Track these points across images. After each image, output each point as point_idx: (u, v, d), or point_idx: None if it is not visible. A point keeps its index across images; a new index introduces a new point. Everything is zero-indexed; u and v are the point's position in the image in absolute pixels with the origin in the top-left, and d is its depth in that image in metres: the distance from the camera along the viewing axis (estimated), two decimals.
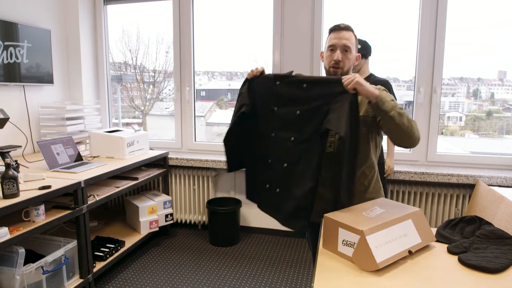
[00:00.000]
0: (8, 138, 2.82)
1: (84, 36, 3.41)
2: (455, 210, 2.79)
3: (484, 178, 2.59)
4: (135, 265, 2.79)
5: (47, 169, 2.44)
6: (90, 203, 2.31)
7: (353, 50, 1.56)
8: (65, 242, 2.23)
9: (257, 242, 3.22)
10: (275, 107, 1.56)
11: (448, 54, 2.80)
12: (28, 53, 2.87)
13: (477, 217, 1.39)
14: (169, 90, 3.78)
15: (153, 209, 3.01)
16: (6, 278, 1.90)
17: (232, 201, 3.31)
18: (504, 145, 2.96)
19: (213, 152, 3.44)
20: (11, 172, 1.85)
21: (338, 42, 1.54)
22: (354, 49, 1.57)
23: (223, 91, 3.75)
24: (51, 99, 3.24)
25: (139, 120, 3.97)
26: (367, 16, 2.99)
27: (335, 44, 1.54)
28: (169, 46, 3.54)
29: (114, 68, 3.79)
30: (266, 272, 2.70)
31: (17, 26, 2.78)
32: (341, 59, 1.53)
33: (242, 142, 1.71)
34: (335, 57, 1.53)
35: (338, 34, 1.55)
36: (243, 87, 1.65)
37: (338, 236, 1.25)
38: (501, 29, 2.74)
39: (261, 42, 3.29)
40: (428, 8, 2.77)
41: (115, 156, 2.91)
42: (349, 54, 1.54)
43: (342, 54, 1.53)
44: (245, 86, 1.64)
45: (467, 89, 3.06)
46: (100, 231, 3.05)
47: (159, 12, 3.51)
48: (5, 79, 2.72)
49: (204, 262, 2.84)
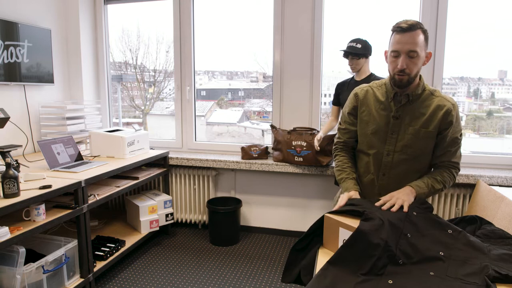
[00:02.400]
0: (8, 138, 2.83)
1: (84, 36, 3.41)
2: (456, 210, 2.79)
3: (484, 177, 2.59)
4: (136, 265, 2.80)
5: (47, 169, 2.44)
6: (90, 203, 2.31)
7: (421, 52, 1.38)
8: (66, 241, 2.23)
9: (257, 242, 3.22)
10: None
11: (448, 53, 2.79)
12: (28, 52, 2.87)
13: (477, 217, 1.39)
14: (169, 89, 3.78)
15: (153, 208, 3.01)
16: (7, 278, 1.90)
17: (233, 201, 3.31)
18: (504, 145, 2.95)
19: (214, 151, 3.44)
20: (12, 171, 1.85)
21: (401, 48, 1.36)
22: (422, 49, 1.39)
23: (223, 90, 3.74)
24: (52, 98, 3.24)
25: (140, 120, 3.97)
26: (368, 15, 2.99)
27: (398, 50, 1.37)
28: (170, 46, 3.54)
29: (115, 67, 3.78)
30: (266, 272, 2.71)
31: (18, 26, 2.78)
32: (406, 67, 1.37)
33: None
34: (399, 66, 1.38)
35: (402, 37, 1.36)
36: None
37: (338, 235, 1.25)
38: (502, 28, 2.74)
39: (261, 42, 3.29)
40: (428, 7, 2.77)
41: (115, 155, 2.91)
42: (416, 59, 1.37)
43: (407, 60, 1.37)
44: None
45: (467, 88, 3.06)
46: (101, 230, 3.05)
47: (159, 11, 3.51)
48: (6, 79, 2.72)
49: (205, 262, 2.85)
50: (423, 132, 1.45)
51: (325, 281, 1.09)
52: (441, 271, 1.10)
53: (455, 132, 1.47)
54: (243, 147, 3.16)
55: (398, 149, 1.49)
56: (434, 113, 1.45)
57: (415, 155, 1.48)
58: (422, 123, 1.45)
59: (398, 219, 1.25)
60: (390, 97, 1.50)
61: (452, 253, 1.16)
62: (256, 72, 3.57)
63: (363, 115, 1.57)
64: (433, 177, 1.48)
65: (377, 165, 1.54)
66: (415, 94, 1.47)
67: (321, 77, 3.08)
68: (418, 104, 1.47)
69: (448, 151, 1.49)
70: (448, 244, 1.19)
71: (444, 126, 1.45)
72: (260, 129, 3.60)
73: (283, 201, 3.30)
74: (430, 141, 1.47)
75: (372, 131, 1.53)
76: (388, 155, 1.51)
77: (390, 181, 1.53)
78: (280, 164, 3.01)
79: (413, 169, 1.51)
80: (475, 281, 1.05)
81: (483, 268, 1.08)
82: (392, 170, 1.52)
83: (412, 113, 1.47)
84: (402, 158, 1.49)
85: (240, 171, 3.36)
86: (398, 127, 1.48)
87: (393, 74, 1.43)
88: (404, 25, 1.35)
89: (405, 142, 1.47)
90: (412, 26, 1.35)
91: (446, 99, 1.48)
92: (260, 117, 3.63)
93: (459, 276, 1.07)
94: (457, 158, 1.52)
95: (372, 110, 1.53)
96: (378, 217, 1.24)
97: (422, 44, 1.38)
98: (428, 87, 1.52)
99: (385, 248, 1.14)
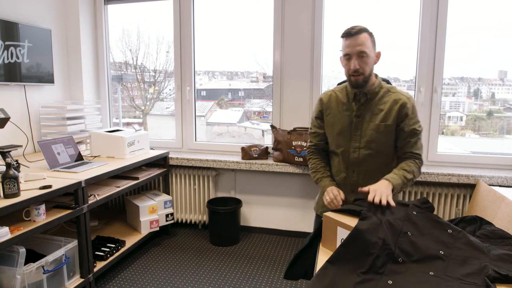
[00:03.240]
0: (8, 138, 2.83)
1: (84, 36, 3.41)
2: (456, 210, 2.78)
3: (484, 178, 2.59)
4: (136, 265, 2.80)
5: (47, 169, 2.44)
6: (90, 203, 2.31)
7: (370, 52, 1.52)
8: (66, 241, 2.23)
9: (257, 242, 3.22)
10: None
11: (448, 53, 2.79)
12: (28, 52, 2.88)
13: (477, 217, 1.39)
14: (169, 89, 3.79)
15: (153, 208, 3.01)
16: (7, 278, 1.90)
17: (233, 201, 3.31)
18: (504, 145, 2.95)
19: (214, 151, 3.44)
20: (12, 171, 1.85)
21: (351, 50, 1.50)
22: (371, 50, 1.53)
23: (223, 90, 3.75)
24: (52, 98, 3.25)
25: (140, 120, 3.97)
26: (368, 16, 2.99)
27: (349, 52, 1.52)
28: (170, 46, 3.54)
29: (115, 67, 3.79)
30: (266, 272, 2.71)
31: (18, 26, 2.78)
32: (359, 67, 1.50)
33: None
34: (352, 66, 1.51)
35: (351, 41, 1.51)
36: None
37: (337, 234, 1.26)
38: (502, 28, 2.74)
39: (261, 42, 3.29)
40: (428, 7, 2.77)
41: (115, 155, 2.91)
42: (366, 59, 1.51)
43: (359, 61, 1.50)
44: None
45: (467, 89, 3.06)
46: (101, 230, 3.05)
47: (160, 11, 3.51)
48: (6, 79, 2.72)
49: (205, 262, 2.85)
50: (382, 127, 1.58)
51: (325, 280, 1.09)
52: (441, 270, 1.10)
53: (412, 124, 1.58)
54: (243, 147, 3.16)
55: (363, 145, 1.61)
56: (391, 108, 1.57)
57: (378, 150, 1.60)
58: (381, 118, 1.58)
59: (397, 218, 1.25)
60: (351, 98, 1.63)
61: (452, 253, 1.16)
62: (256, 72, 3.57)
63: (328, 117, 1.70)
64: (402, 168, 1.56)
65: (346, 162, 1.66)
66: (373, 92, 1.60)
67: (321, 77, 3.08)
68: (376, 101, 1.60)
69: (408, 141, 1.59)
70: (448, 243, 1.19)
71: (401, 118, 1.57)
72: (260, 129, 3.60)
73: (283, 201, 3.30)
74: (390, 135, 1.59)
75: (338, 131, 1.66)
76: (354, 152, 1.63)
77: (360, 177, 1.64)
78: (280, 164, 3.01)
79: (379, 163, 1.63)
80: (475, 281, 1.05)
81: (483, 268, 1.08)
82: (360, 166, 1.64)
83: (372, 110, 1.60)
84: (367, 153, 1.61)
85: (240, 171, 3.36)
86: (361, 124, 1.61)
87: (348, 75, 1.56)
88: (352, 31, 1.50)
89: (368, 138, 1.59)
90: (359, 30, 1.50)
91: (401, 93, 1.61)
92: (260, 117, 3.63)
93: (458, 276, 1.07)
94: (419, 150, 1.62)
95: (336, 112, 1.67)
96: (376, 216, 1.25)
97: (370, 45, 1.52)
98: (385, 85, 1.64)
99: (383, 246, 1.14)
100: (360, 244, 1.15)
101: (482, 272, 1.07)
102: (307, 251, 1.45)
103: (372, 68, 1.56)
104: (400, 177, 1.51)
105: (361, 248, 1.14)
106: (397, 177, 1.50)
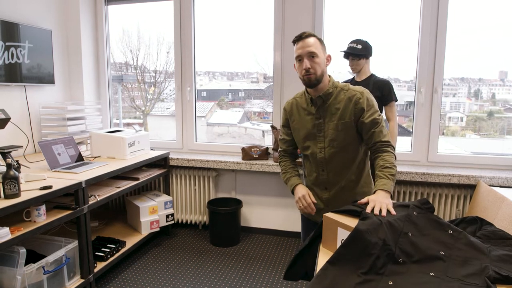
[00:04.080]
0: (9, 138, 2.83)
1: (85, 37, 3.42)
2: (456, 211, 2.78)
3: (485, 178, 2.59)
4: (136, 265, 2.80)
5: (48, 169, 2.45)
6: (91, 203, 2.32)
7: (319, 53, 1.60)
8: (66, 242, 2.23)
9: (257, 243, 3.22)
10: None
11: (449, 54, 2.79)
12: (29, 53, 2.88)
13: (478, 217, 1.39)
14: (170, 90, 3.79)
15: (154, 209, 3.01)
16: (7, 278, 1.90)
17: (233, 201, 3.31)
18: (505, 146, 2.95)
19: (214, 152, 3.45)
20: (12, 172, 1.86)
21: (302, 51, 1.59)
22: (321, 52, 1.62)
23: (224, 91, 3.75)
24: (52, 99, 3.25)
25: (140, 121, 3.97)
26: (368, 17, 2.99)
27: (300, 54, 1.60)
28: (170, 47, 3.55)
29: (115, 68, 3.79)
30: (267, 273, 2.70)
31: (18, 27, 2.79)
32: (310, 66, 1.59)
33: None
34: (304, 66, 1.59)
35: (301, 43, 1.60)
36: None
37: (337, 235, 1.25)
38: (502, 29, 2.74)
39: (262, 42, 3.29)
40: (429, 8, 2.77)
41: (116, 156, 2.91)
42: (316, 59, 1.59)
43: (310, 61, 1.59)
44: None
45: (468, 89, 3.06)
46: (101, 231, 3.05)
47: (160, 12, 3.51)
48: (7, 80, 2.72)
49: (205, 263, 2.84)
50: (341, 124, 1.65)
51: (325, 281, 1.09)
52: (441, 271, 1.10)
53: (370, 115, 1.63)
54: (243, 148, 3.16)
55: (327, 144, 1.68)
56: (346, 106, 1.64)
57: (342, 147, 1.67)
58: (338, 117, 1.65)
59: (398, 219, 1.25)
60: (309, 103, 1.72)
61: (452, 253, 1.16)
62: (256, 73, 3.57)
63: (294, 123, 1.79)
64: (383, 167, 1.57)
65: (315, 163, 1.74)
66: (327, 93, 1.66)
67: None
68: (332, 101, 1.67)
69: (372, 132, 1.63)
70: (448, 244, 1.19)
71: (359, 113, 1.63)
72: (261, 130, 3.60)
73: (283, 202, 3.30)
74: (349, 131, 1.65)
75: (304, 135, 1.74)
76: (321, 152, 1.70)
77: (329, 174, 1.72)
78: None
79: (346, 159, 1.69)
80: (475, 282, 1.05)
81: (483, 268, 1.08)
82: (328, 164, 1.71)
83: (330, 110, 1.67)
84: (332, 152, 1.68)
85: (241, 171, 3.36)
86: (322, 125, 1.69)
87: (302, 76, 1.63)
88: (302, 35, 1.61)
89: (330, 137, 1.67)
90: (308, 34, 1.61)
91: (354, 90, 1.67)
92: (261, 118, 3.63)
93: (459, 277, 1.07)
94: (386, 137, 1.65)
95: (299, 118, 1.76)
96: (377, 217, 1.24)
97: (319, 47, 1.61)
98: (339, 84, 1.70)
99: (384, 247, 1.14)
100: (360, 245, 1.15)
101: (483, 272, 1.07)
102: (307, 252, 1.45)
103: (324, 70, 1.63)
104: (388, 177, 1.54)
105: (362, 249, 1.14)
106: (386, 180, 1.52)
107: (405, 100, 3.16)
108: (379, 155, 1.63)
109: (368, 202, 1.39)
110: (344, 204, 1.58)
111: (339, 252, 1.15)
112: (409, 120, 3.15)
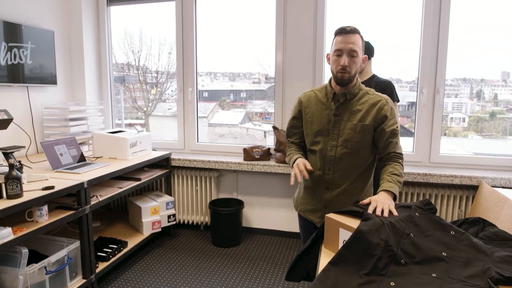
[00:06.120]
0: (11, 139, 2.84)
1: (87, 37, 3.42)
2: (459, 212, 2.77)
3: (487, 179, 2.58)
4: (138, 266, 2.80)
5: (50, 170, 2.45)
6: (93, 204, 2.32)
7: (360, 53, 1.56)
8: (68, 242, 2.24)
9: (259, 243, 3.22)
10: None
11: (451, 55, 2.79)
12: (31, 54, 2.89)
13: (480, 218, 1.39)
14: (171, 91, 3.79)
15: (155, 209, 3.01)
16: (10, 278, 1.90)
17: (235, 202, 3.31)
18: (507, 146, 2.94)
19: (216, 153, 3.45)
20: (15, 172, 1.86)
21: (344, 46, 1.53)
22: (361, 52, 1.58)
23: (225, 92, 3.75)
24: (55, 100, 3.26)
25: (142, 121, 3.98)
26: (370, 17, 2.99)
27: (341, 48, 1.54)
28: (172, 47, 3.55)
29: (117, 69, 3.80)
30: (268, 273, 2.70)
31: (21, 27, 2.80)
32: (348, 64, 1.53)
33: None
34: (341, 62, 1.53)
35: (344, 38, 1.54)
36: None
37: (339, 236, 1.25)
38: (505, 30, 2.73)
39: (263, 43, 3.29)
40: (431, 8, 2.76)
41: (118, 156, 2.91)
42: (356, 58, 1.54)
43: (349, 59, 1.53)
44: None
45: (470, 90, 3.05)
46: (103, 231, 3.06)
47: (162, 13, 3.52)
48: (9, 80, 2.73)
49: (207, 263, 2.85)
50: (360, 126, 1.60)
51: (327, 282, 1.09)
52: (444, 272, 1.10)
53: (391, 124, 1.61)
54: (245, 148, 3.16)
55: (340, 143, 1.63)
56: (369, 109, 1.60)
57: (355, 148, 1.62)
58: (359, 118, 1.61)
59: (400, 220, 1.25)
60: (330, 98, 1.66)
61: (454, 254, 1.15)
62: (258, 74, 3.57)
63: (307, 116, 1.73)
64: (392, 173, 1.58)
65: (322, 160, 1.68)
66: (352, 93, 1.63)
67: (323, 79, 3.08)
68: (355, 102, 1.63)
69: (390, 142, 1.62)
70: (450, 245, 1.19)
71: (380, 120, 1.60)
72: (262, 130, 3.60)
73: (285, 202, 3.30)
74: (367, 135, 1.61)
75: (317, 129, 1.69)
76: (331, 150, 1.65)
77: (335, 175, 1.67)
78: (282, 166, 3.01)
79: (355, 163, 1.65)
80: (477, 283, 1.04)
81: (486, 270, 1.08)
82: (336, 164, 1.66)
83: (350, 110, 1.63)
84: (344, 152, 1.63)
85: (242, 172, 3.36)
86: (339, 123, 1.64)
87: (336, 72, 1.57)
88: (348, 28, 1.54)
89: (345, 136, 1.62)
90: (354, 29, 1.54)
91: (380, 96, 1.64)
92: (262, 118, 3.63)
93: (461, 278, 1.07)
94: (400, 150, 1.66)
95: (315, 111, 1.70)
96: (379, 218, 1.24)
97: (361, 46, 1.57)
98: (363, 87, 1.67)
99: (386, 248, 1.14)
100: (362, 246, 1.14)
101: (485, 274, 1.07)
102: (309, 253, 1.45)
103: (358, 71, 1.59)
104: (395, 183, 1.53)
105: (363, 250, 1.14)
106: (393, 184, 1.52)
107: (407, 101, 3.16)
108: (390, 163, 1.62)
109: (370, 202, 1.39)
110: (343, 207, 1.58)
111: (341, 253, 1.15)
112: (411, 121, 3.15)
